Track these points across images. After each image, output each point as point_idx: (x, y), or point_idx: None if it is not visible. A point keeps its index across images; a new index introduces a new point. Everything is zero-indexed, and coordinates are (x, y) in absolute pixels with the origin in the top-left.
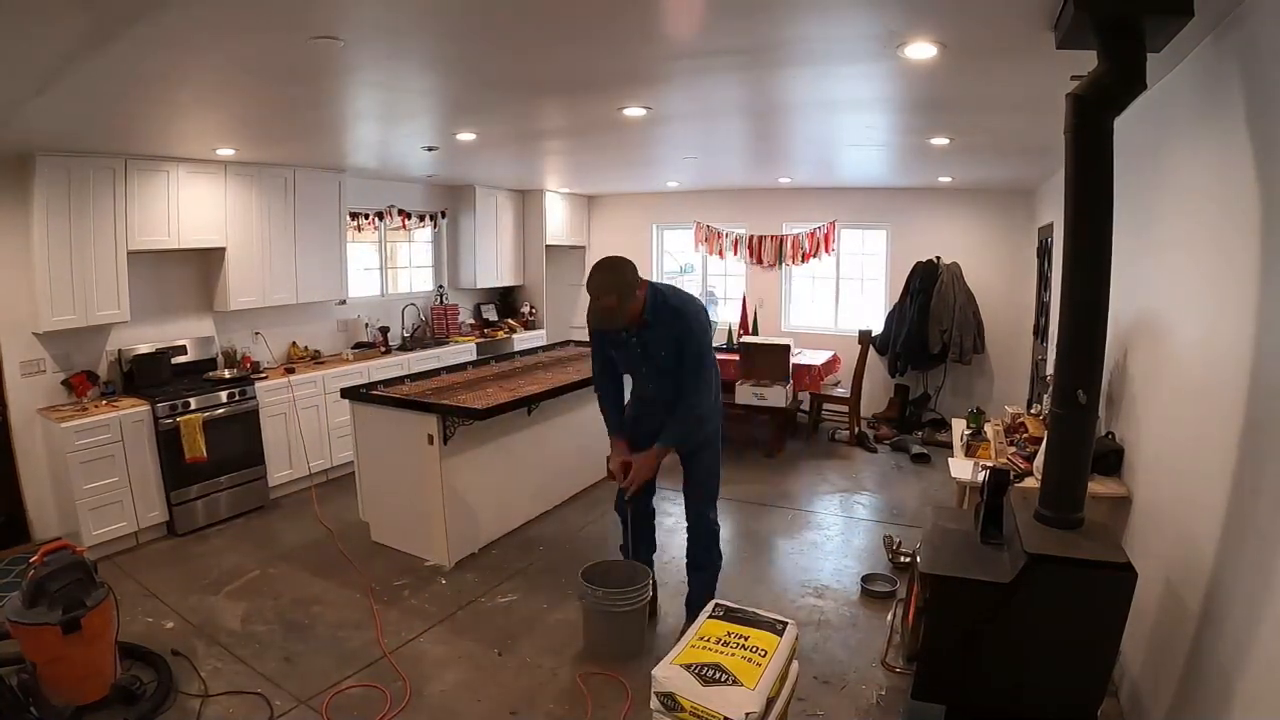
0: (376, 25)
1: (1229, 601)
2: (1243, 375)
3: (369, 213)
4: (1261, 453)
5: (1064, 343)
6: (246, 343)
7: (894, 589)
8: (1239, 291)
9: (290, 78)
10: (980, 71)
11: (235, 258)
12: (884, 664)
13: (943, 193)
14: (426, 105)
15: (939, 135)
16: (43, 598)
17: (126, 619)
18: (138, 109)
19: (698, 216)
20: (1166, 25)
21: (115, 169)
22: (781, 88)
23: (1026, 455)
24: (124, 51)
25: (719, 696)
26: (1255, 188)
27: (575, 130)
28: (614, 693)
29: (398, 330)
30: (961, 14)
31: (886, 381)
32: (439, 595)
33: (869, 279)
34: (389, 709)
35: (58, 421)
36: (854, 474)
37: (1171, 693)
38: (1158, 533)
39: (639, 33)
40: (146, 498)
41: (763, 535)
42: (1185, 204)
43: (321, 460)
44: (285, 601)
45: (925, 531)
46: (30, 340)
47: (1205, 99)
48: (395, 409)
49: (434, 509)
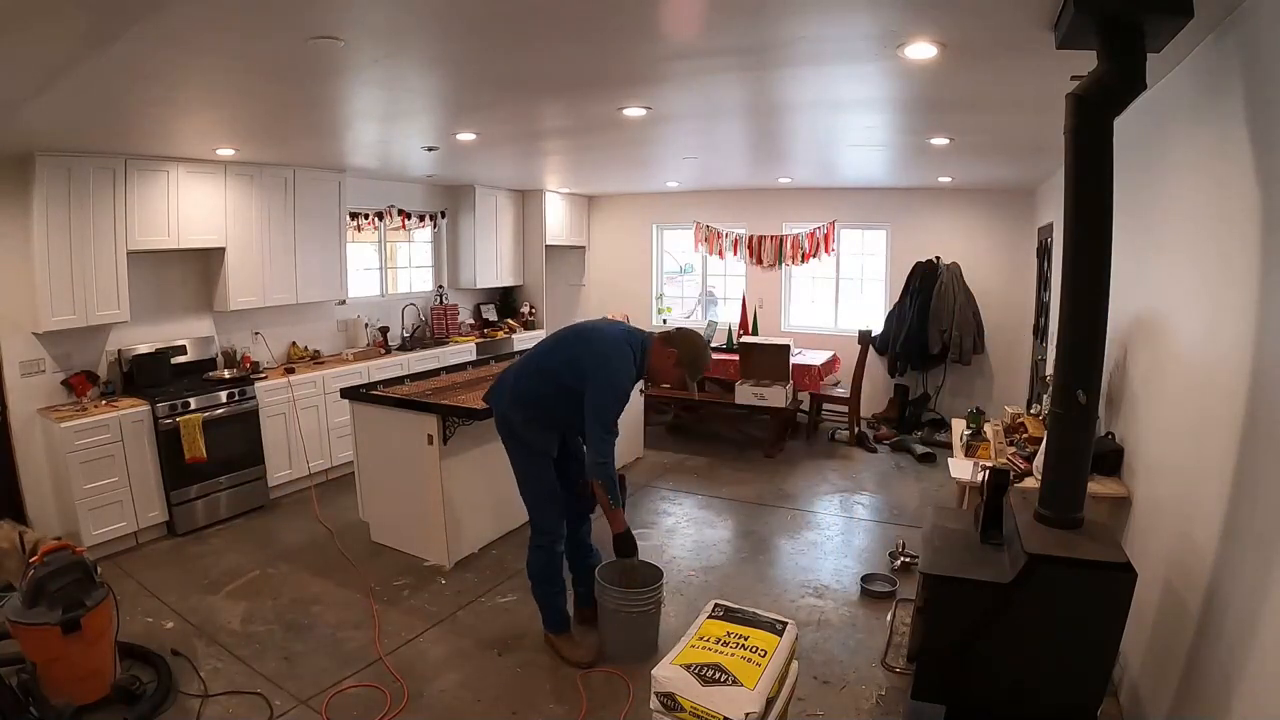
0: (376, 25)
1: (1229, 601)
2: (1242, 375)
3: (369, 213)
4: (1261, 453)
5: (1064, 343)
6: (246, 343)
7: (894, 589)
8: (1239, 291)
9: (290, 78)
10: (980, 71)
11: (235, 258)
12: (884, 664)
13: (943, 193)
14: (426, 105)
15: (939, 135)
16: (43, 598)
17: (126, 619)
18: (138, 109)
19: (698, 216)
20: (1166, 25)
21: (115, 169)
22: (781, 88)
23: (1026, 455)
24: (124, 51)
25: (719, 696)
26: (1255, 188)
27: (575, 130)
28: (614, 692)
29: (397, 330)
30: (961, 14)
31: (886, 382)
32: (439, 595)
33: (869, 279)
34: (389, 709)
35: (57, 421)
36: (854, 474)
37: (1171, 693)
38: (1158, 533)
39: (639, 33)
40: (146, 498)
41: (763, 535)
42: (1185, 204)
43: (321, 460)
44: (285, 601)
45: (925, 532)
46: (30, 340)
47: (1205, 99)
48: (395, 409)
49: (434, 509)
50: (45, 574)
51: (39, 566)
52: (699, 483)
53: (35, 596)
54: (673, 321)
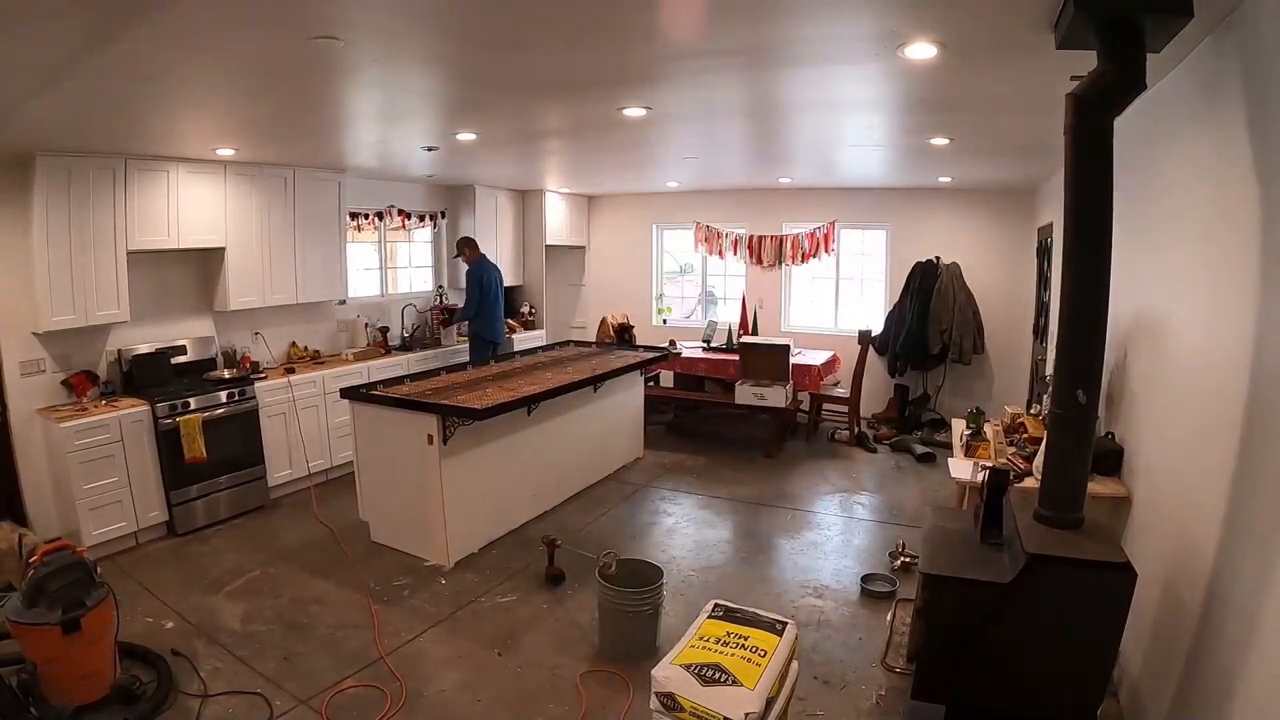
0: (376, 25)
1: (1229, 601)
2: (1242, 375)
3: (369, 213)
4: (1261, 452)
5: (1064, 343)
6: (246, 343)
7: (894, 589)
8: (1238, 292)
9: (290, 78)
10: (980, 71)
11: (235, 258)
12: (884, 664)
13: (943, 193)
14: (426, 105)
15: (939, 135)
16: (43, 597)
17: (126, 619)
18: (138, 109)
19: (698, 216)
20: (1166, 25)
21: (115, 169)
22: (781, 88)
23: (1026, 455)
24: (124, 51)
25: (719, 696)
26: (1255, 188)
27: (575, 130)
28: (613, 692)
29: (397, 330)
30: (961, 14)
31: (886, 381)
32: (439, 595)
33: (869, 279)
34: (389, 709)
35: (57, 421)
36: (854, 474)
37: (1171, 693)
38: (1158, 533)
39: (639, 33)
40: (146, 498)
41: (763, 535)
42: (1185, 204)
43: (321, 460)
44: (285, 601)
45: (925, 532)
46: (30, 340)
47: (1205, 99)
48: (395, 409)
49: (434, 509)
50: (45, 574)
51: (39, 566)
52: (699, 483)
53: (35, 596)
54: (673, 322)
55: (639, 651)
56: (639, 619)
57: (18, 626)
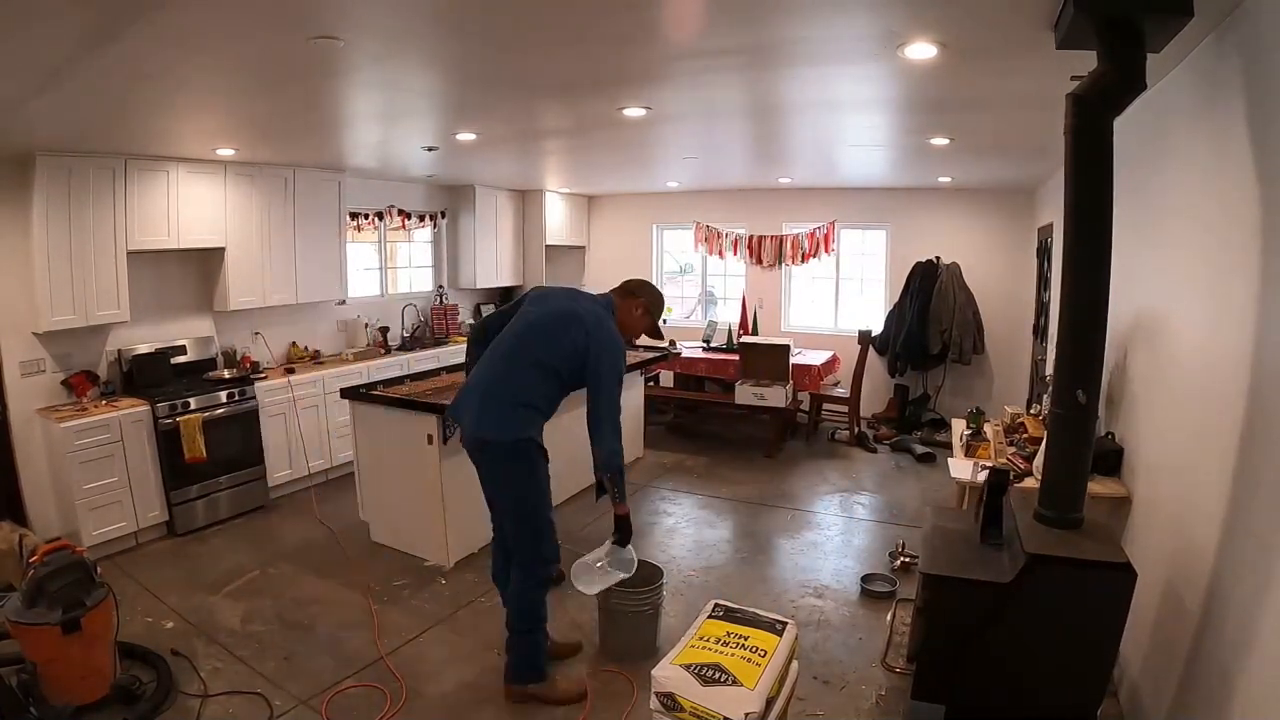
0: (376, 25)
1: (1229, 601)
2: (1242, 375)
3: (369, 213)
4: (1261, 452)
5: (1064, 343)
6: (246, 343)
7: (894, 589)
8: (1239, 292)
9: (290, 78)
10: (980, 71)
11: (235, 258)
12: (884, 664)
13: (943, 193)
14: (426, 105)
15: (939, 135)
16: (42, 597)
17: (126, 619)
18: (138, 109)
19: (698, 216)
20: (1166, 25)
21: (115, 169)
22: (781, 88)
23: (1026, 455)
24: (124, 51)
25: (719, 696)
26: (1255, 187)
27: (575, 130)
28: (615, 692)
29: (397, 330)
30: (961, 14)
31: (886, 381)
32: (439, 595)
33: (869, 279)
34: (389, 709)
35: (57, 421)
36: (854, 474)
37: (1171, 693)
38: (1158, 533)
39: (639, 33)
40: (146, 497)
41: (763, 535)
42: (1185, 204)
43: (321, 460)
44: (285, 601)
45: (925, 532)
46: (30, 340)
47: (1205, 99)
48: (395, 409)
49: (434, 509)
50: (45, 574)
51: (39, 566)
52: (699, 483)
53: (35, 596)
54: (673, 321)
55: (639, 651)
56: (639, 619)
57: (18, 626)
